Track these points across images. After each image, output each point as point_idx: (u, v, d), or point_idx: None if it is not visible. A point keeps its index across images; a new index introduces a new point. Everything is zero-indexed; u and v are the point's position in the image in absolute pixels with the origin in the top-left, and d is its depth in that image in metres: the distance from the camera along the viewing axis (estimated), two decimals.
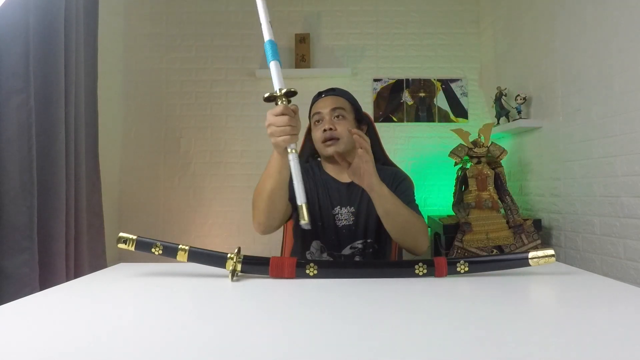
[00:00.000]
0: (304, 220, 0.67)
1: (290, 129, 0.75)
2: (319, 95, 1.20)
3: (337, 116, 1.13)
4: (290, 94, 0.74)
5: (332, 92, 1.19)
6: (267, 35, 0.73)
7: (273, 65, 0.71)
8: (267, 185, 0.92)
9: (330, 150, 1.11)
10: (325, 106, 1.14)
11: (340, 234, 1.14)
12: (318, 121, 1.15)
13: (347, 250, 1.14)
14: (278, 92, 0.73)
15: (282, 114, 0.75)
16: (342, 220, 1.14)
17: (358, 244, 1.14)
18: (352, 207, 1.15)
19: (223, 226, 2.56)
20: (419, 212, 1.08)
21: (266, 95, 0.74)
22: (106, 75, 2.17)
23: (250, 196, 1.03)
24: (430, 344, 0.43)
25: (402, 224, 0.99)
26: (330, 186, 1.17)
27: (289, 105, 0.76)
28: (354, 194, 1.16)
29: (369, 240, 1.14)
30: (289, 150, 0.74)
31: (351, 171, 0.95)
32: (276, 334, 0.47)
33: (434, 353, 0.41)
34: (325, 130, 1.11)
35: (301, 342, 0.44)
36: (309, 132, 1.32)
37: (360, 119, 1.21)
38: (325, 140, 1.12)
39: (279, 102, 0.75)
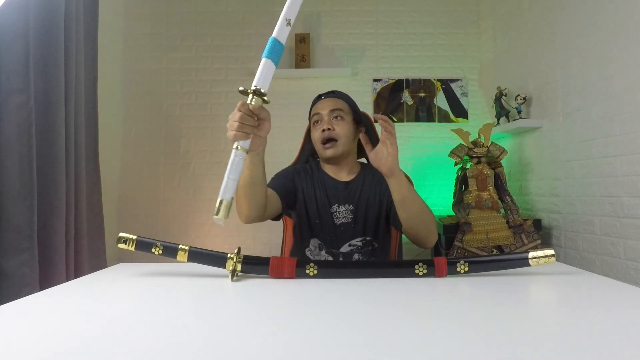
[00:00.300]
0: (216, 215, 0.67)
1: (238, 125, 0.73)
2: (319, 97, 1.23)
3: (336, 117, 1.17)
4: (258, 93, 0.72)
5: (332, 94, 1.22)
6: (274, 32, 0.72)
7: (262, 62, 0.71)
8: (241, 180, 0.93)
9: (328, 152, 1.15)
10: (324, 107, 1.17)
11: (339, 231, 1.15)
12: (317, 122, 1.18)
13: (345, 248, 1.14)
14: (251, 88, 0.73)
15: (237, 110, 0.74)
16: (340, 218, 1.15)
17: (357, 241, 1.14)
18: (351, 205, 1.16)
19: (223, 226, 2.55)
20: None
21: (241, 88, 0.74)
22: (106, 75, 2.17)
23: None
24: (430, 344, 0.43)
25: (417, 212, 0.99)
26: (328, 185, 1.19)
27: (258, 105, 0.74)
28: (353, 192, 1.17)
29: (367, 238, 1.15)
30: (234, 145, 0.73)
31: (373, 154, 0.96)
32: (276, 334, 0.47)
33: (434, 353, 0.41)
34: (324, 130, 1.15)
35: (301, 342, 0.44)
36: (308, 132, 1.33)
37: (359, 120, 1.23)
38: (324, 142, 1.15)
39: (248, 98, 0.74)
